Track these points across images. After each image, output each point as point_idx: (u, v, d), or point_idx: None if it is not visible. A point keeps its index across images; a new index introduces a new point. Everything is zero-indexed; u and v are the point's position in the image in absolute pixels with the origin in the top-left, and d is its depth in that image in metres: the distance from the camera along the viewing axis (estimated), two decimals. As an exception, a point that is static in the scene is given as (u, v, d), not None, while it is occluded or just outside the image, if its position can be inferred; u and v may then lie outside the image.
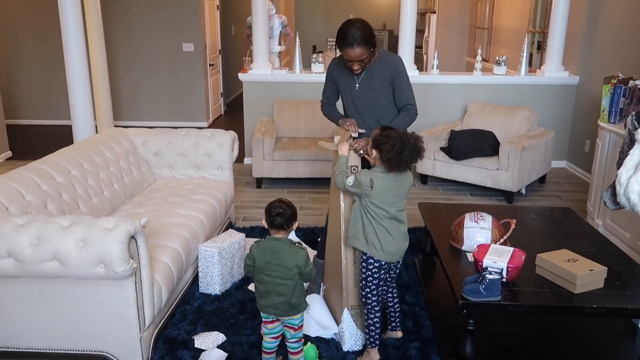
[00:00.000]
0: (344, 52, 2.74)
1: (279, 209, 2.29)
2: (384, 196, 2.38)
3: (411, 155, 2.31)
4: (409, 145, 2.30)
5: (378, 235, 2.41)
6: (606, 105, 3.99)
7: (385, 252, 2.43)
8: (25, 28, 7.88)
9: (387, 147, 2.31)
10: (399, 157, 2.29)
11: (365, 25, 2.71)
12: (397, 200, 2.43)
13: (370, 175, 2.39)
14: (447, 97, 5.84)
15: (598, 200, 3.98)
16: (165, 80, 7.97)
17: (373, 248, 2.43)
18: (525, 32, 7.07)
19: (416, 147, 2.32)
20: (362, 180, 2.38)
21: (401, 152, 2.28)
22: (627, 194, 2.53)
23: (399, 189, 2.42)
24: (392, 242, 2.43)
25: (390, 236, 2.42)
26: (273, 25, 6.61)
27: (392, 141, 2.31)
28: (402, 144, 2.29)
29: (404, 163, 2.31)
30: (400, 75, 2.83)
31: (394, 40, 12.84)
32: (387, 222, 2.41)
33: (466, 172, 4.92)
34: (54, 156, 3.14)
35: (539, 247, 2.62)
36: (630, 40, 4.78)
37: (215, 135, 4.02)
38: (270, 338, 2.44)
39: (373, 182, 2.37)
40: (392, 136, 2.33)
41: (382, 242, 2.42)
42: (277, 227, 2.30)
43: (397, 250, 2.47)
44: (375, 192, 2.37)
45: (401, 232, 2.47)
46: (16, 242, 2.19)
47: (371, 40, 2.71)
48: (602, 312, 2.23)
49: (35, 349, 2.45)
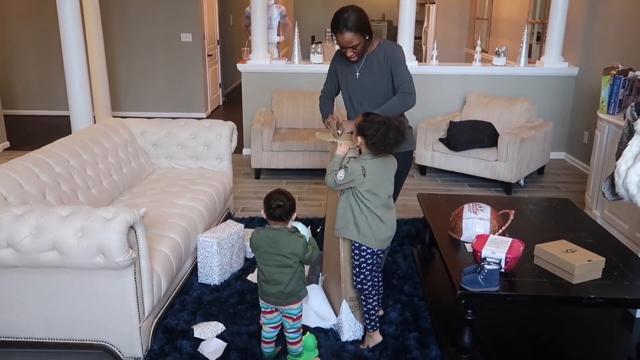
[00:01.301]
0: (336, 38, 2.75)
1: (278, 202, 2.28)
2: (376, 181, 2.41)
3: (396, 138, 2.34)
4: (393, 128, 2.33)
5: (370, 224, 2.44)
6: (605, 96, 3.98)
7: (377, 239, 2.47)
8: (22, 18, 7.83)
9: (371, 132, 2.34)
10: (384, 140, 2.32)
11: (358, 11, 2.71)
12: (389, 184, 2.48)
13: (360, 162, 2.41)
14: (446, 88, 5.83)
15: (596, 192, 3.98)
16: (163, 70, 7.94)
17: (364, 237, 2.46)
18: (524, 23, 7.05)
19: (400, 129, 2.35)
20: (354, 169, 2.39)
21: (386, 135, 2.31)
22: (625, 185, 2.53)
23: (387, 173, 2.47)
24: (385, 229, 2.47)
25: (383, 223, 2.46)
26: (272, 16, 6.57)
27: (376, 125, 2.33)
28: (386, 127, 2.32)
29: (390, 146, 2.34)
30: (397, 62, 2.81)
31: (393, 30, 12.80)
32: (380, 209, 2.44)
33: (465, 163, 4.92)
34: (52, 146, 3.13)
35: (537, 238, 2.62)
36: (630, 31, 4.77)
37: (214, 125, 4.01)
38: (269, 328, 2.45)
39: (365, 169, 2.39)
40: (375, 120, 2.36)
41: (375, 231, 2.45)
42: (277, 219, 2.30)
43: (388, 237, 2.52)
44: (369, 178, 2.39)
45: (392, 218, 2.52)
46: (15, 232, 2.19)
47: (363, 27, 2.70)
48: (600, 303, 2.24)
49: (35, 339, 2.45)
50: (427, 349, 2.57)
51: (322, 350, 2.55)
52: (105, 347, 2.45)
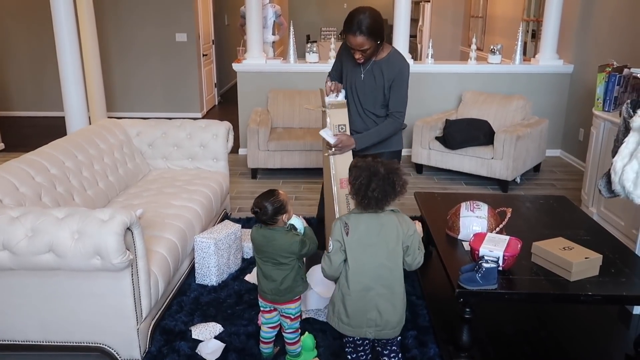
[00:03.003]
0: (347, 38, 2.72)
1: (255, 208, 2.25)
2: (361, 244, 1.99)
3: (384, 189, 1.94)
4: (378, 177, 1.94)
5: (345, 303, 2.02)
6: (601, 93, 3.99)
7: (352, 325, 2.03)
8: (16, 17, 7.79)
9: (351, 179, 1.99)
10: (366, 192, 1.94)
11: (374, 15, 2.65)
12: (381, 253, 2.00)
13: (343, 218, 2.03)
14: (441, 86, 5.83)
15: (592, 189, 3.99)
16: (158, 70, 7.91)
17: (335, 318, 2.06)
18: (519, 21, 7.06)
19: (389, 179, 1.95)
20: (335, 229, 2.01)
21: (367, 185, 1.93)
22: (622, 182, 2.54)
23: (380, 235, 2.00)
24: (359, 316, 2.02)
25: (356, 310, 2.01)
26: (267, 15, 6.56)
27: (357, 171, 1.98)
28: (369, 175, 1.94)
29: (374, 199, 1.94)
30: (401, 80, 2.79)
31: (388, 29, 12.78)
32: (357, 287, 2.00)
33: (461, 161, 4.93)
34: (47, 148, 3.12)
35: (534, 236, 2.63)
36: (624, 28, 4.78)
37: (210, 125, 4.00)
38: (267, 328, 2.45)
39: (347, 226, 1.99)
40: (358, 165, 2.01)
41: (349, 313, 2.01)
42: (262, 222, 2.30)
43: (372, 325, 2.02)
44: (352, 238, 1.98)
45: (370, 305, 2.01)
46: (11, 235, 2.17)
47: (377, 32, 2.65)
48: (597, 300, 2.25)
49: (32, 342, 2.44)
50: (426, 347, 2.57)
51: (321, 350, 2.54)
52: (103, 349, 2.44)
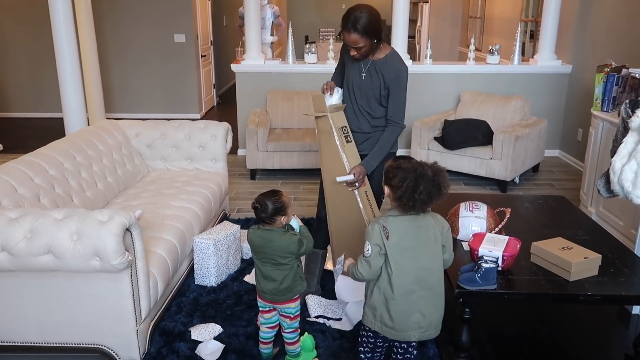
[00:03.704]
0: (342, 35, 2.72)
1: (255, 204, 2.25)
2: (400, 247, 1.96)
3: (429, 192, 1.91)
4: (425, 179, 1.90)
5: (385, 302, 2.00)
6: (599, 93, 3.99)
7: (386, 324, 2.01)
8: (13, 18, 7.78)
9: (396, 182, 1.93)
10: (413, 194, 1.90)
11: (371, 14, 2.64)
12: (421, 256, 1.98)
13: (380, 221, 1.98)
14: (440, 87, 5.83)
15: (591, 189, 4.00)
16: (157, 71, 7.91)
17: (369, 315, 2.05)
18: (517, 21, 7.07)
19: (435, 181, 1.91)
20: (372, 232, 1.97)
21: (415, 188, 1.89)
22: (620, 182, 2.54)
23: (419, 238, 1.98)
24: (400, 317, 1.99)
25: (397, 309, 1.99)
26: (265, 16, 6.56)
27: (403, 173, 1.92)
28: (415, 177, 1.90)
29: (421, 202, 1.90)
30: (399, 85, 2.78)
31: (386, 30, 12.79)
32: (400, 290, 1.97)
33: (460, 161, 4.93)
34: (46, 149, 3.11)
35: (533, 236, 2.63)
36: (622, 28, 4.79)
37: (209, 126, 3.99)
38: (266, 328, 2.45)
39: (387, 229, 1.95)
40: (403, 167, 1.95)
41: (386, 313, 2.00)
42: (260, 220, 2.29)
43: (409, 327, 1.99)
44: (392, 241, 1.94)
45: (415, 306, 1.99)
46: (10, 236, 2.17)
47: (372, 31, 2.64)
48: (596, 299, 2.25)
49: (31, 343, 2.44)
50: (425, 347, 2.57)
51: (321, 350, 2.54)
52: (102, 350, 2.43)
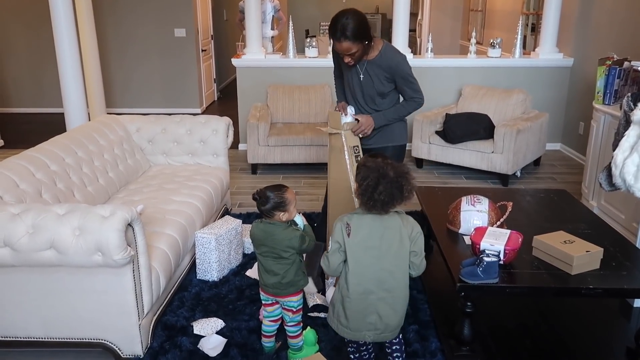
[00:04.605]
0: (333, 44, 2.68)
1: (257, 196, 2.27)
2: (361, 246, 1.95)
3: (390, 193, 1.88)
4: (387, 179, 1.88)
5: (344, 305, 1.99)
6: (601, 86, 3.98)
7: (351, 328, 2.00)
8: (14, 13, 7.76)
9: (359, 179, 1.93)
10: (372, 194, 1.88)
11: (357, 17, 2.59)
12: (382, 257, 1.97)
13: (345, 219, 1.98)
14: (441, 81, 5.82)
15: (593, 182, 3.99)
16: (157, 66, 7.89)
17: (333, 319, 2.05)
18: (519, 14, 7.04)
19: (398, 182, 1.90)
20: (336, 229, 1.98)
21: (375, 187, 1.88)
22: (622, 175, 2.54)
23: (383, 239, 1.96)
24: (357, 320, 2.00)
25: (354, 311, 1.99)
26: (265, 10, 6.54)
27: (366, 172, 1.92)
28: (377, 177, 1.89)
29: (380, 202, 1.89)
30: (404, 72, 2.76)
31: (387, 23, 12.77)
32: (356, 290, 1.96)
33: (461, 155, 4.93)
34: (47, 144, 3.11)
35: (535, 229, 2.63)
36: (624, 21, 4.76)
37: (210, 121, 3.99)
38: (269, 321, 2.45)
39: (349, 226, 1.95)
40: (367, 165, 1.95)
41: (348, 315, 1.98)
42: (261, 213, 2.30)
43: (368, 330, 2.00)
44: (353, 240, 1.94)
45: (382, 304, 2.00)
46: (12, 231, 2.17)
47: (362, 34, 2.60)
48: (598, 293, 2.25)
49: (34, 338, 2.44)
50: (427, 341, 2.57)
51: (323, 344, 2.55)
52: (105, 345, 2.44)
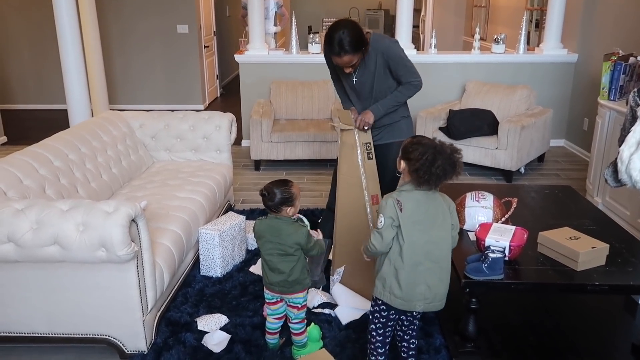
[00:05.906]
0: (332, 59, 2.66)
1: (264, 191, 2.27)
2: (412, 221, 2.03)
3: (445, 168, 1.98)
4: (443, 155, 1.99)
5: (397, 276, 2.06)
6: (606, 82, 3.96)
7: (400, 297, 2.08)
8: (17, 11, 7.75)
9: (415, 155, 2.01)
10: (430, 168, 1.98)
11: (352, 28, 2.56)
12: (431, 230, 2.06)
13: (394, 195, 2.06)
14: (445, 77, 5.79)
15: (598, 178, 3.98)
16: (160, 62, 7.88)
17: (383, 289, 2.11)
18: (523, 10, 7.00)
19: (451, 158, 2.01)
20: (386, 205, 2.04)
21: (433, 162, 1.98)
22: (629, 171, 2.52)
23: (429, 213, 2.06)
24: (410, 289, 2.07)
25: (407, 282, 2.06)
26: (268, 6, 6.52)
27: (423, 148, 2.01)
28: (434, 152, 1.99)
29: (435, 176, 1.98)
30: (397, 58, 2.73)
31: (390, 20, 12.73)
32: (409, 262, 2.04)
33: (465, 151, 4.87)
34: (50, 140, 3.11)
35: (540, 226, 2.62)
36: (629, 16, 4.73)
37: (213, 117, 3.98)
38: (273, 319, 2.45)
39: (400, 202, 2.02)
40: (423, 143, 2.05)
41: (398, 285, 2.07)
42: (268, 208, 2.29)
43: (418, 299, 2.08)
44: (406, 214, 2.02)
45: (423, 278, 2.07)
46: (16, 227, 2.17)
47: (359, 43, 2.59)
48: (604, 289, 2.23)
49: (38, 334, 2.45)
50: (432, 337, 2.57)
51: (327, 341, 2.55)
52: (109, 340, 2.44)
